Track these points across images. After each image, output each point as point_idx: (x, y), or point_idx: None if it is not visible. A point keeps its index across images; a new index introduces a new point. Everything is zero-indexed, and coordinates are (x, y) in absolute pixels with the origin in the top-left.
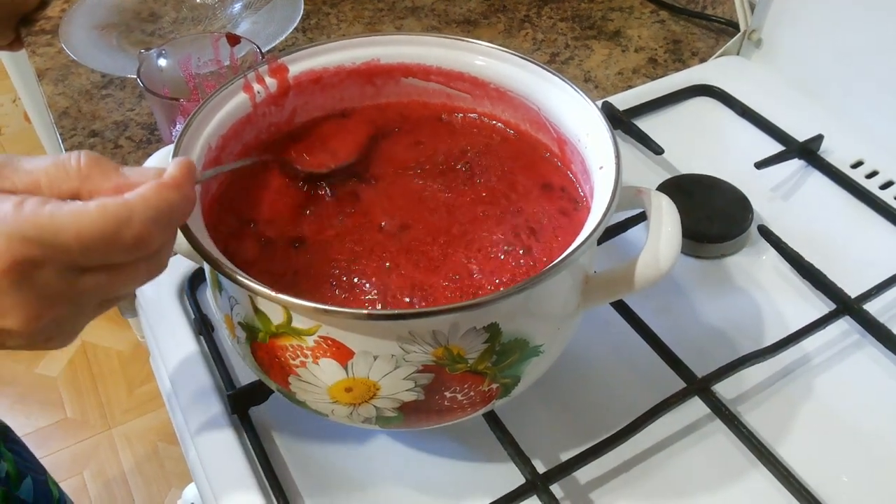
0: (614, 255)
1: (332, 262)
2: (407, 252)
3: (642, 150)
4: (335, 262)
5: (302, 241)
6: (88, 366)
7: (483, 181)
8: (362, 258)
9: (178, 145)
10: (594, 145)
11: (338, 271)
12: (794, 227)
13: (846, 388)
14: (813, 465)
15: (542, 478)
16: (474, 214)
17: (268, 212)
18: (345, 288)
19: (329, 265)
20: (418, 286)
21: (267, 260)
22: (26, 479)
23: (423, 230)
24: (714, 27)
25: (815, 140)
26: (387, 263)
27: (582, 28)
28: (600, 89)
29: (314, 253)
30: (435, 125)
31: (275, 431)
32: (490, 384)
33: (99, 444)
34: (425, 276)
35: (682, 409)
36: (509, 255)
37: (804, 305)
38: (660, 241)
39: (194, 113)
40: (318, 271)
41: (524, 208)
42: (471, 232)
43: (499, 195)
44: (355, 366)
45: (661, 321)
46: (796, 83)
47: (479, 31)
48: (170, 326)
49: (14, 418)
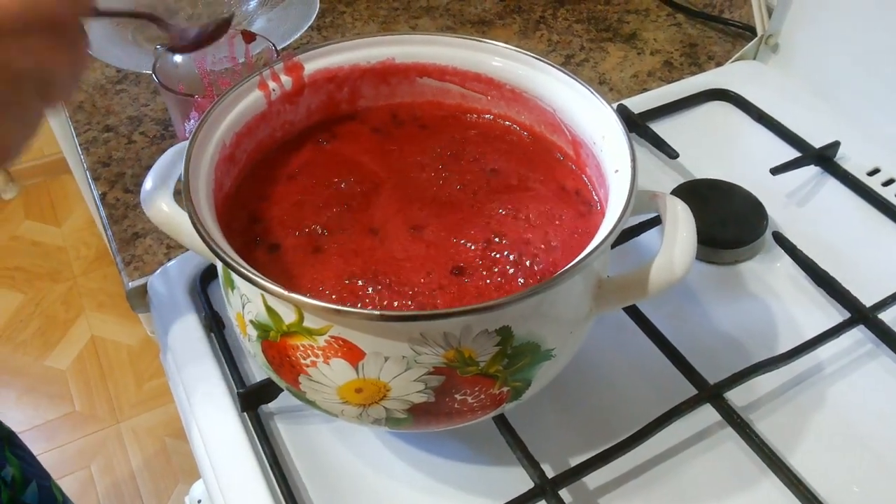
0: (628, 258)
1: (345, 261)
2: (422, 252)
3: (657, 154)
4: (349, 262)
5: (316, 240)
6: (97, 359)
7: (496, 183)
8: (376, 258)
9: (192, 142)
10: (610, 148)
11: (351, 271)
12: (809, 234)
13: (859, 398)
14: (824, 474)
15: (551, 482)
16: (488, 216)
17: (281, 210)
18: (357, 291)
19: (342, 265)
20: (430, 286)
21: (280, 259)
22: (31, 485)
23: (437, 231)
24: (731, 31)
25: (831, 147)
26: (404, 264)
27: (597, 30)
28: (615, 92)
29: (328, 251)
30: (450, 126)
31: (284, 430)
32: (501, 387)
33: (107, 438)
34: (438, 276)
35: (693, 415)
36: (521, 258)
37: (818, 313)
38: (675, 247)
39: (210, 109)
40: (331, 270)
41: (538, 211)
42: (485, 233)
43: (512, 198)
44: (366, 366)
45: (673, 326)
46: (813, 89)
47: (493, 31)
48: (181, 323)
49: (22, 410)
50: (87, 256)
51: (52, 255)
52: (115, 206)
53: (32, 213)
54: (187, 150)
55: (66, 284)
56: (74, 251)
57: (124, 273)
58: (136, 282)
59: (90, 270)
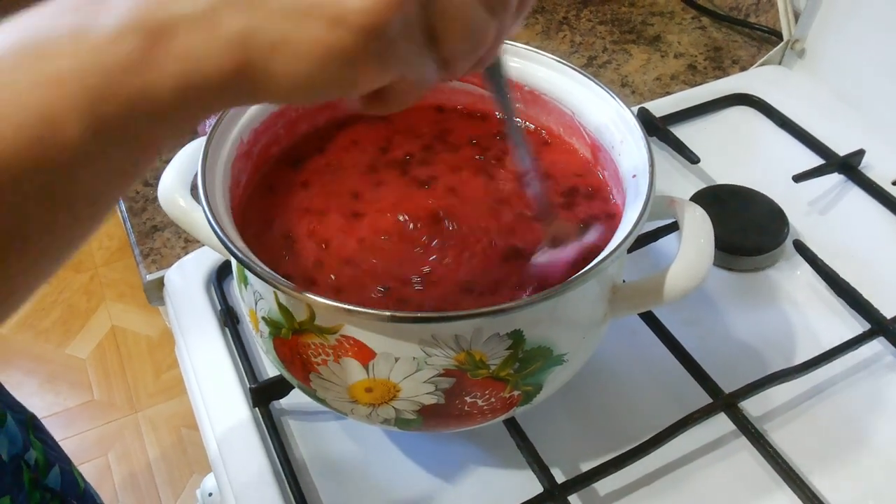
0: (644, 264)
1: (363, 259)
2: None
3: (678, 159)
4: (365, 260)
5: (329, 239)
6: (117, 349)
7: (511, 185)
8: (396, 257)
9: (210, 138)
10: (628, 153)
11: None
12: (831, 243)
13: (878, 411)
14: (840, 488)
15: (561, 488)
16: (506, 220)
17: (298, 208)
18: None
19: (359, 262)
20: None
21: (296, 255)
22: (54, 469)
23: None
24: (756, 35)
25: (856, 155)
26: (425, 268)
27: (621, 32)
28: (637, 95)
29: (342, 249)
30: (469, 127)
31: (295, 427)
32: (511, 391)
33: (124, 427)
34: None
35: (706, 424)
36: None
37: (837, 324)
38: (692, 254)
39: None
40: (347, 268)
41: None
42: (505, 237)
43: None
44: (376, 366)
45: (689, 333)
46: (839, 96)
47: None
48: (196, 317)
49: (43, 397)
50: (109, 247)
51: None
52: (135, 198)
53: None
54: (204, 145)
55: (89, 274)
56: (97, 241)
57: (142, 265)
58: (153, 274)
59: (112, 261)
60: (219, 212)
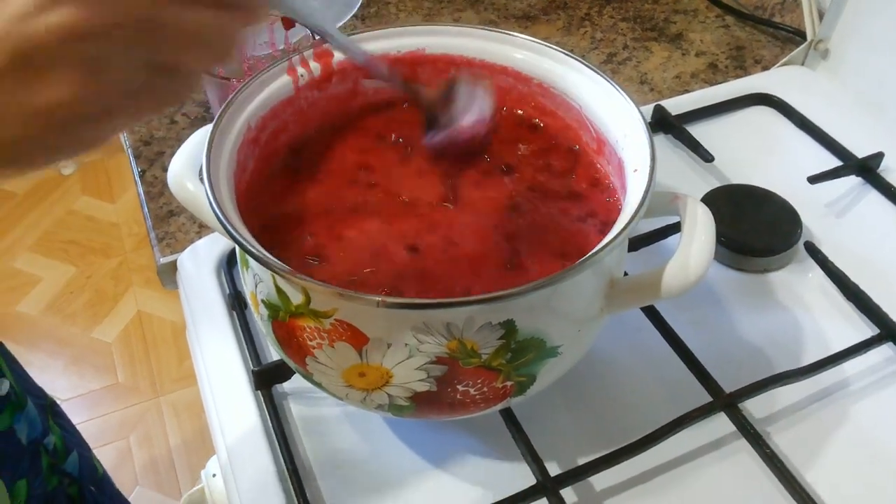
0: (652, 262)
1: (365, 244)
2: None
3: (692, 157)
4: (367, 246)
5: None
6: (142, 334)
7: (518, 177)
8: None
9: (217, 123)
10: (631, 147)
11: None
12: (844, 246)
13: (883, 417)
14: (840, 495)
15: (554, 480)
16: (511, 212)
17: (305, 195)
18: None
19: (362, 248)
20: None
21: (300, 240)
22: (72, 454)
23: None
24: (780, 35)
25: (874, 157)
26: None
27: (643, 29)
28: (655, 92)
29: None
30: None
31: (296, 410)
32: (504, 381)
33: (147, 411)
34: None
35: (706, 423)
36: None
37: (846, 328)
38: (691, 250)
39: (237, 92)
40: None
41: (557, 207)
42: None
43: (533, 195)
44: (369, 352)
45: (694, 332)
46: (860, 97)
47: (536, 26)
48: (205, 300)
49: (68, 379)
50: (137, 234)
51: (105, 230)
52: (153, 183)
53: (89, 188)
54: (210, 131)
55: (117, 260)
56: (126, 227)
57: (157, 249)
58: (167, 258)
59: (140, 247)
60: (221, 195)
